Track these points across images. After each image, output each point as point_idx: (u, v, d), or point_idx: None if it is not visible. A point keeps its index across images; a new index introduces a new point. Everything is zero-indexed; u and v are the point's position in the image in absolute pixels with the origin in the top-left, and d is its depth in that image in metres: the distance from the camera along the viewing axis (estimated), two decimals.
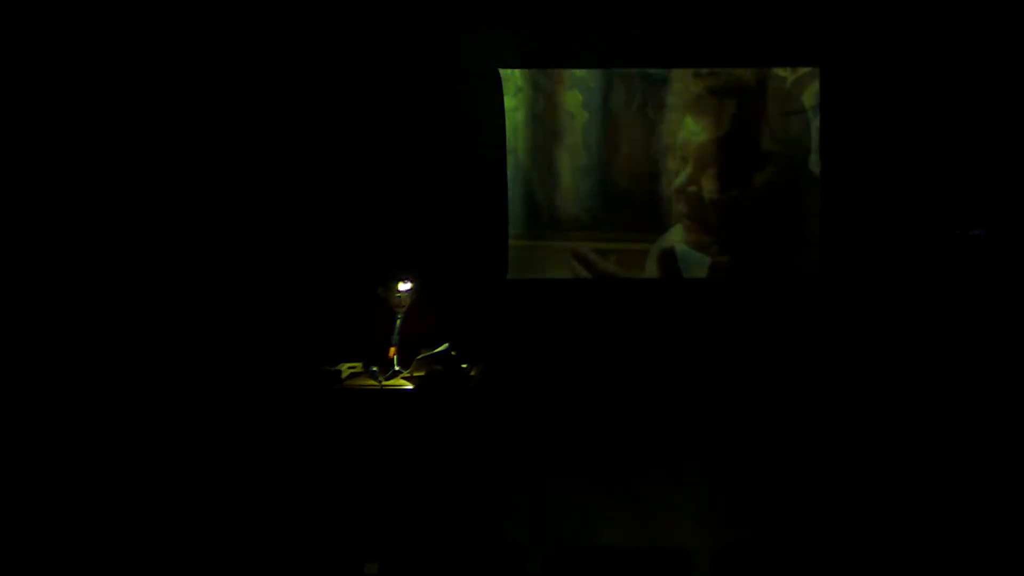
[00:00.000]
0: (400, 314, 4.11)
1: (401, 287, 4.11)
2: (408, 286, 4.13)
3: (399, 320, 4.11)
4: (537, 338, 4.96)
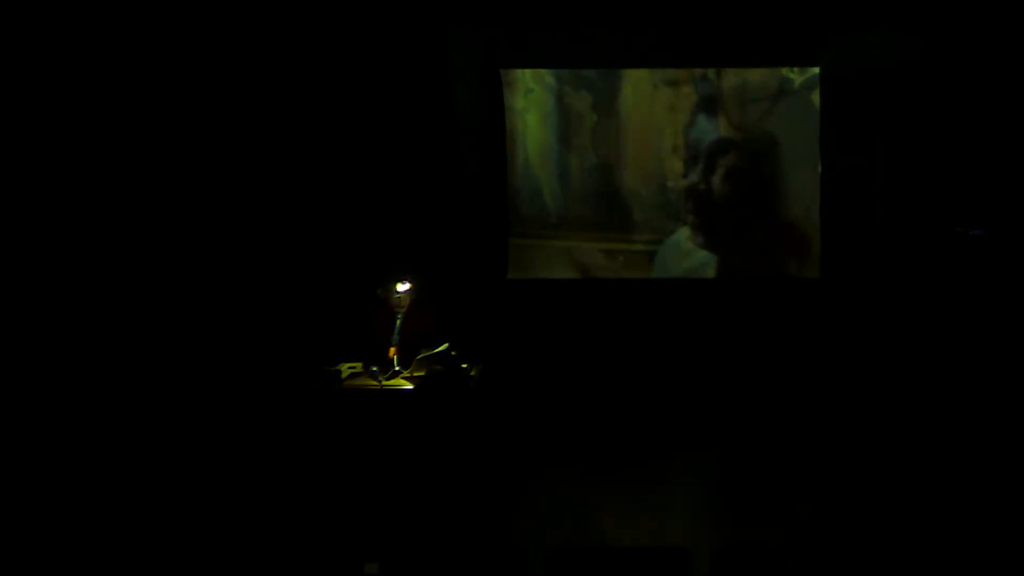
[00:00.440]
0: (400, 314, 4.12)
1: (400, 287, 4.12)
2: (407, 286, 4.13)
3: (399, 320, 4.11)
4: (537, 338, 4.96)
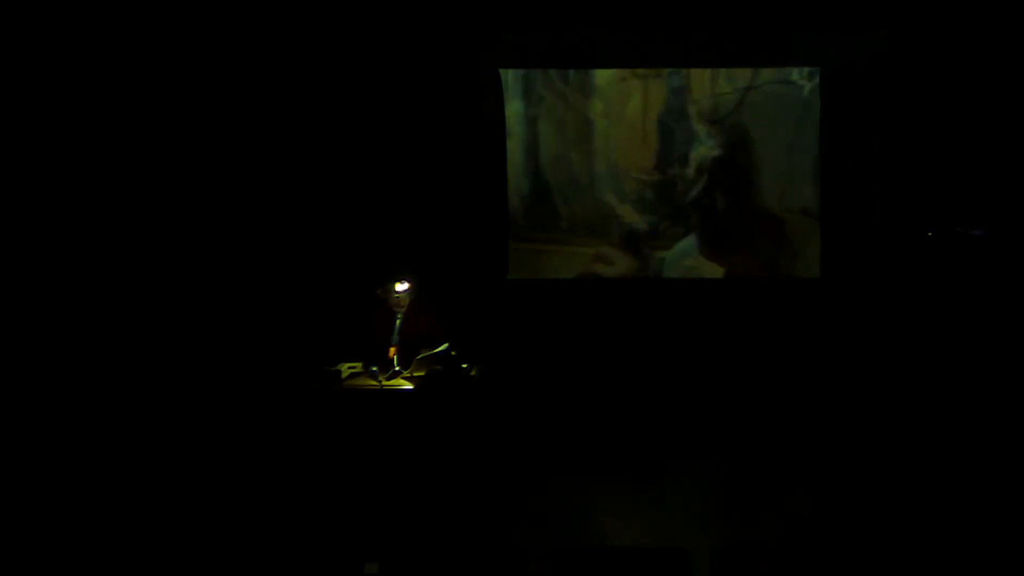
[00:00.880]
0: (400, 314, 4.12)
1: (399, 287, 4.12)
2: (406, 286, 4.13)
3: (399, 320, 4.11)
4: (538, 338, 4.96)
